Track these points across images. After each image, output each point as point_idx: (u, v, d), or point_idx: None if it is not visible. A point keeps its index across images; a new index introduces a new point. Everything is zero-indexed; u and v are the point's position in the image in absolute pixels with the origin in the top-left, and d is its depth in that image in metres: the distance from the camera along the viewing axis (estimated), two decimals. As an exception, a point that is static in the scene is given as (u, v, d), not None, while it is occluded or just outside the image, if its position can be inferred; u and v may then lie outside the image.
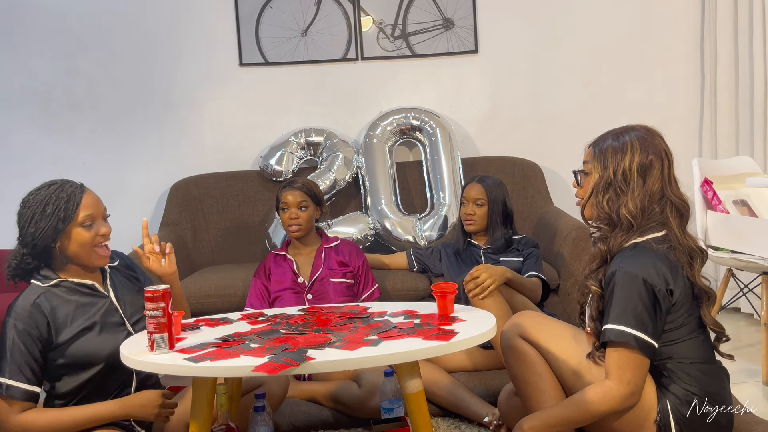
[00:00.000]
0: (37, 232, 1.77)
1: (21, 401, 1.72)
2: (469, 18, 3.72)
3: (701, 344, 1.69)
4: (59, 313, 1.80)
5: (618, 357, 1.60)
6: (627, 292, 1.60)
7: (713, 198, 2.91)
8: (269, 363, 1.50)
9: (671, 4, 3.80)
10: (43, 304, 1.78)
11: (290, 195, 2.66)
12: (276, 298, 2.65)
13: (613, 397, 1.59)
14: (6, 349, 1.73)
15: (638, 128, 1.76)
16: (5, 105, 3.64)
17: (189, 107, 3.72)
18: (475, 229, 2.78)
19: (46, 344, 1.78)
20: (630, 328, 1.58)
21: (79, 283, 1.86)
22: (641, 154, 1.69)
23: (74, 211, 1.78)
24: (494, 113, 3.80)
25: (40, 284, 1.82)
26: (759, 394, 2.52)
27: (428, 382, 2.28)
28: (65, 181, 1.83)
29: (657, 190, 1.69)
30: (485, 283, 2.30)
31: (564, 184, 3.77)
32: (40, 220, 1.77)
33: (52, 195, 1.78)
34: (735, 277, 3.14)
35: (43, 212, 1.77)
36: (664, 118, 3.64)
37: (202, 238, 3.48)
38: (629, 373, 1.58)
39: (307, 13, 3.68)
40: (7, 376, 1.72)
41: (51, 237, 1.78)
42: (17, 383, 1.72)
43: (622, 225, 1.70)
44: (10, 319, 1.75)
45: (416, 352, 1.56)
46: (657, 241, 1.67)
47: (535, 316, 1.87)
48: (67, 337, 1.79)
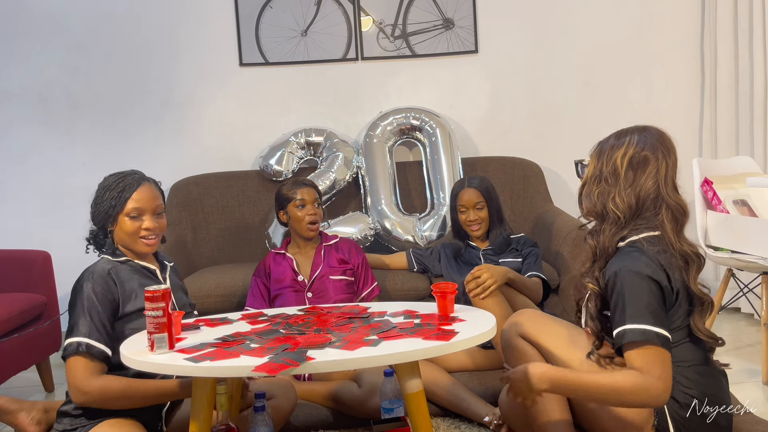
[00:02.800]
0: (96, 213, 1.95)
1: (99, 361, 1.77)
2: (469, 18, 3.72)
3: (698, 347, 1.68)
4: (126, 286, 1.90)
5: (643, 355, 1.56)
6: (637, 290, 1.58)
7: (713, 198, 2.91)
8: (269, 363, 1.50)
9: (671, 5, 3.80)
10: (114, 274, 1.89)
11: (306, 192, 2.66)
12: (276, 296, 2.65)
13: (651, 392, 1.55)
14: (84, 309, 1.79)
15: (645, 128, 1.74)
16: (5, 105, 3.64)
17: (189, 107, 3.72)
18: (482, 233, 2.76)
19: (116, 311, 1.85)
20: (650, 325, 1.56)
21: (143, 266, 1.97)
22: (635, 149, 1.68)
23: (124, 201, 1.92)
24: (494, 113, 3.80)
25: (111, 258, 1.93)
26: (759, 394, 2.52)
27: (428, 381, 2.28)
28: (133, 172, 1.99)
29: (650, 189, 1.67)
30: (486, 283, 2.30)
31: (564, 184, 3.77)
32: (101, 201, 1.94)
33: (113, 183, 1.94)
34: (735, 277, 3.14)
35: (103, 195, 1.94)
36: (664, 118, 3.61)
37: (202, 238, 3.48)
38: (659, 368, 1.55)
39: (307, 13, 3.68)
40: (87, 335, 1.76)
41: (104, 220, 1.94)
42: (96, 342, 1.77)
43: (609, 219, 1.69)
44: (87, 283, 1.83)
45: (416, 352, 1.56)
46: (650, 241, 1.65)
47: (534, 315, 1.87)
48: (131, 310, 1.87)
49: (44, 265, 2.97)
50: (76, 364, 1.75)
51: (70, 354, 1.76)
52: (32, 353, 2.82)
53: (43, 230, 3.61)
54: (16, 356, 2.70)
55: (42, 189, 3.64)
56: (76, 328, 1.78)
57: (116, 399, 1.77)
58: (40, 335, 2.84)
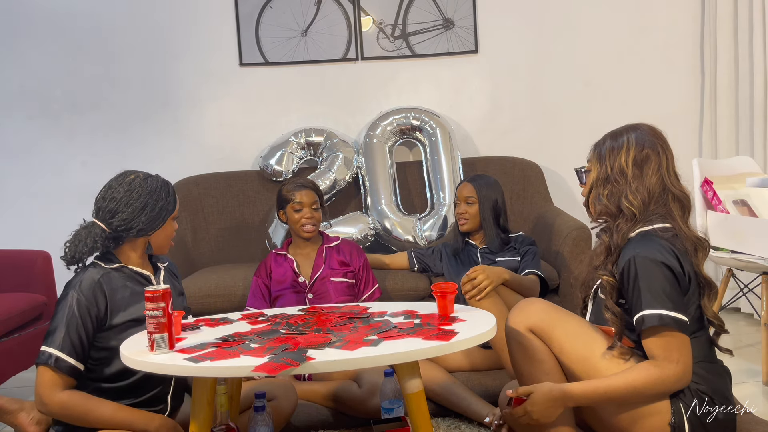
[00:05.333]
0: (147, 219, 1.88)
1: (66, 375, 1.75)
2: (469, 18, 3.72)
3: (704, 343, 1.70)
4: (117, 295, 1.85)
5: (660, 340, 1.60)
6: (653, 276, 1.61)
7: (713, 198, 2.91)
8: (269, 363, 1.50)
9: (671, 5, 3.80)
10: (105, 284, 1.84)
11: (305, 195, 2.66)
12: (276, 297, 2.65)
13: (670, 379, 1.58)
14: (64, 320, 1.77)
15: (636, 126, 1.80)
16: (5, 105, 3.64)
17: (189, 107, 3.72)
18: (468, 228, 2.78)
19: (100, 323, 1.81)
20: (667, 310, 1.59)
21: (136, 272, 1.93)
22: (636, 149, 1.75)
23: (175, 204, 1.97)
24: (494, 113, 3.80)
25: (103, 265, 1.88)
26: (759, 394, 2.52)
27: (428, 381, 2.28)
28: (158, 175, 1.97)
29: (657, 183, 1.73)
30: (482, 284, 2.29)
31: (564, 184, 3.77)
32: (153, 209, 1.89)
33: (161, 187, 1.93)
34: (735, 277, 3.14)
35: (157, 201, 1.90)
36: (664, 118, 3.59)
37: (202, 238, 3.48)
38: (676, 353, 1.58)
39: (307, 13, 3.68)
40: (59, 347, 1.74)
41: (154, 226, 1.91)
42: (66, 356, 1.75)
43: (625, 216, 1.73)
44: (73, 291, 1.80)
45: (416, 352, 1.56)
46: (662, 231, 1.70)
47: (549, 308, 1.79)
48: (120, 321, 1.84)
49: (44, 265, 2.98)
50: (44, 374, 1.74)
51: (41, 362, 1.75)
52: (32, 353, 2.79)
53: (43, 230, 3.60)
54: (16, 356, 2.70)
55: (42, 189, 3.64)
56: (51, 337, 1.76)
57: (74, 419, 1.75)
58: (40, 335, 2.83)
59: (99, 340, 1.82)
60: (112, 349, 1.82)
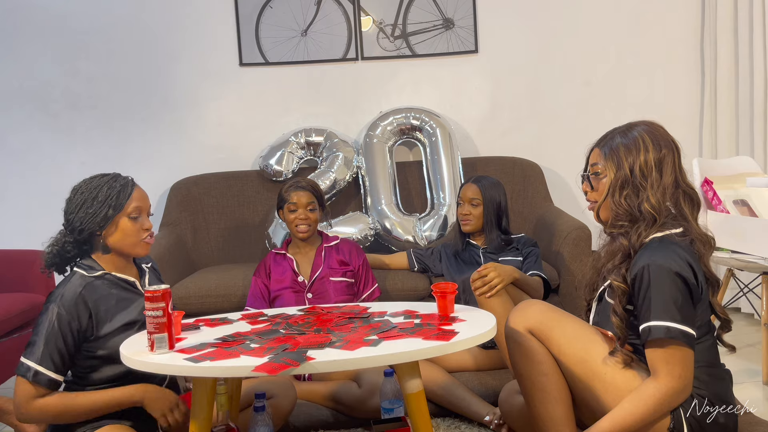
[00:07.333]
0: (86, 217, 1.81)
1: (44, 388, 1.74)
2: (469, 18, 3.72)
3: (709, 348, 1.68)
4: (101, 306, 1.82)
5: (665, 353, 1.56)
6: (665, 287, 1.57)
7: (713, 198, 2.91)
8: (269, 363, 1.50)
9: (671, 5, 3.80)
10: (87, 296, 1.80)
11: (300, 196, 2.65)
12: (276, 297, 2.65)
13: (671, 397, 1.55)
14: (43, 333, 1.74)
15: (642, 123, 1.76)
16: (5, 105, 3.64)
17: (189, 107, 3.72)
18: (470, 229, 2.78)
19: (83, 336, 1.79)
20: (676, 323, 1.55)
21: (120, 278, 1.89)
22: (654, 149, 1.69)
23: (125, 201, 1.84)
24: (494, 113, 3.80)
25: (85, 273, 1.84)
26: (759, 394, 2.52)
27: (428, 381, 2.28)
28: (117, 174, 1.90)
29: (671, 182, 1.69)
30: (493, 281, 2.27)
31: (564, 184, 3.77)
32: (91, 206, 1.81)
33: (105, 184, 1.84)
34: (735, 277, 3.14)
35: (95, 198, 1.82)
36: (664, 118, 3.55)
37: (202, 238, 3.48)
38: (678, 368, 1.55)
39: (307, 13, 3.68)
40: (38, 361, 1.73)
41: (99, 224, 1.82)
42: (45, 370, 1.73)
43: (645, 219, 1.68)
44: (54, 305, 1.76)
45: (416, 352, 1.56)
46: (678, 236, 1.66)
47: (548, 310, 1.77)
48: (108, 331, 1.81)
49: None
50: (22, 386, 1.73)
51: (20, 373, 1.74)
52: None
53: (43, 230, 3.58)
54: (16, 356, 2.68)
55: (42, 189, 3.64)
56: (31, 349, 1.74)
57: (56, 419, 1.76)
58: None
59: (86, 349, 1.80)
60: (101, 357, 1.81)
